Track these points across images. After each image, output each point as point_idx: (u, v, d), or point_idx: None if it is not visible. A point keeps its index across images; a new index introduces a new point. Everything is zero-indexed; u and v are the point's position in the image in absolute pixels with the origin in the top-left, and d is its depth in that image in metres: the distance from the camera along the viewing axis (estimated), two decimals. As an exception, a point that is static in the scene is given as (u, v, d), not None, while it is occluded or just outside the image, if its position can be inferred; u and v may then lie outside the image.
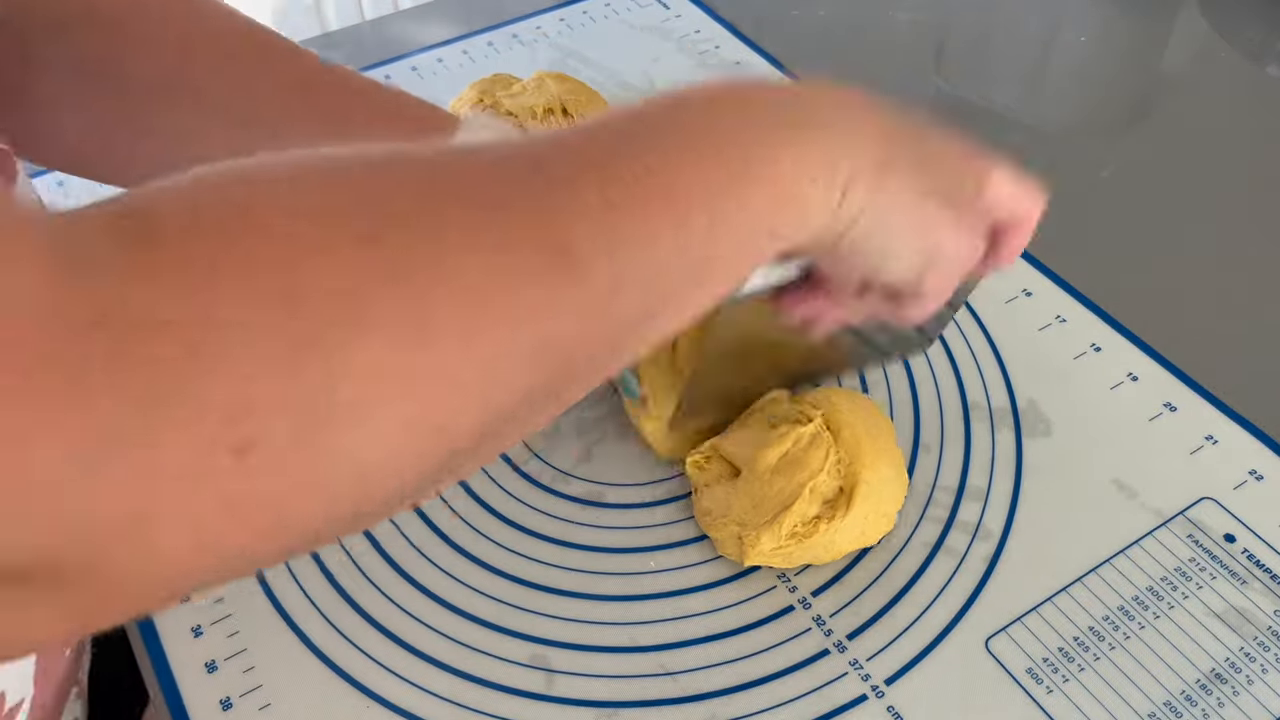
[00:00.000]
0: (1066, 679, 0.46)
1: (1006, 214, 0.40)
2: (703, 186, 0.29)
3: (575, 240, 0.26)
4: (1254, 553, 0.50)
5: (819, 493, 0.48)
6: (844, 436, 0.49)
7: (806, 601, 0.49)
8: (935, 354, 0.59)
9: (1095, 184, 0.71)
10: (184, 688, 0.46)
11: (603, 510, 0.52)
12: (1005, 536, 0.51)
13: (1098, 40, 0.87)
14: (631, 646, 0.47)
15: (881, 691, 0.46)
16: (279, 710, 0.46)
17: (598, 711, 0.46)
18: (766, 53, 0.80)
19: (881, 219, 0.35)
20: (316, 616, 0.48)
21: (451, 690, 0.46)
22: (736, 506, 0.49)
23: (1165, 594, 0.49)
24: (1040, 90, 0.83)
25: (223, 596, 0.49)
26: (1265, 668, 0.46)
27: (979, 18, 0.89)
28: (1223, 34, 0.85)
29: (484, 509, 0.52)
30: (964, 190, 0.38)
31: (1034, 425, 0.55)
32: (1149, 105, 0.82)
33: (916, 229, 0.36)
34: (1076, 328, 0.60)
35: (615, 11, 0.84)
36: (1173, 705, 0.45)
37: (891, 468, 0.49)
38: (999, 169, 0.39)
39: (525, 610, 0.49)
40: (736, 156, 0.30)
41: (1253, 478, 0.53)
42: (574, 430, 0.56)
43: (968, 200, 0.38)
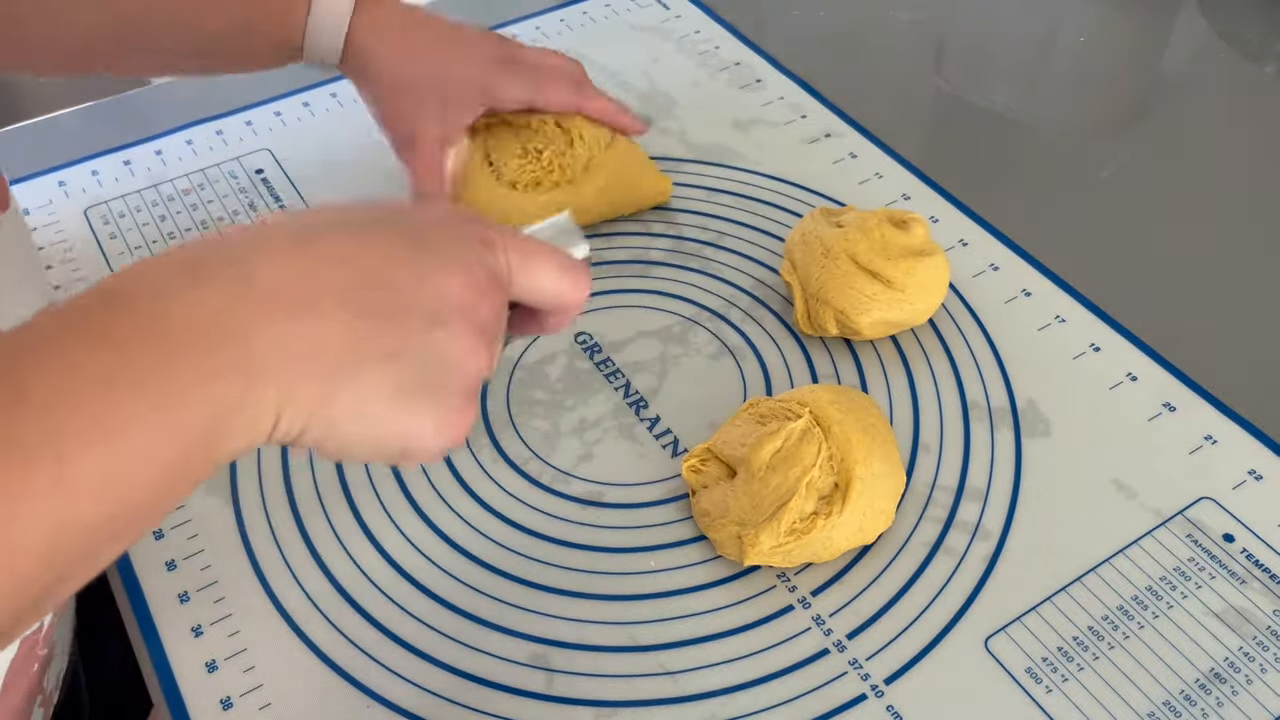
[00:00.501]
0: (1066, 679, 0.46)
1: (544, 303, 0.39)
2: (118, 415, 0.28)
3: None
4: (1253, 552, 0.50)
5: (815, 488, 0.48)
6: (835, 432, 0.49)
7: (806, 601, 0.49)
8: (935, 354, 0.59)
9: (1095, 184, 0.71)
10: (184, 688, 0.46)
11: (603, 510, 0.52)
12: (1005, 536, 0.51)
13: (1098, 40, 0.87)
14: (631, 646, 0.48)
15: (881, 691, 0.46)
16: (279, 710, 0.46)
17: (598, 711, 0.46)
18: (766, 53, 0.80)
19: (330, 432, 0.33)
20: (317, 616, 0.49)
21: (451, 690, 0.46)
22: (735, 506, 0.49)
23: (1164, 594, 0.49)
24: (1040, 90, 0.83)
25: (223, 596, 0.49)
26: (1264, 667, 0.46)
27: (979, 18, 0.89)
28: (1222, 34, 0.85)
29: (484, 509, 0.53)
30: (451, 368, 0.34)
31: (1033, 425, 0.55)
32: (1149, 105, 0.82)
33: (377, 435, 0.34)
34: (1076, 328, 0.60)
35: (615, 11, 0.84)
36: (1172, 705, 0.45)
37: (886, 463, 0.49)
38: (537, 260, 0.37)
39: (525, 610, 0.49)
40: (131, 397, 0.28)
41: (1252, 478, 0.53)
42: (574, 430, 0.56)
43: (455, 374, 0.35)
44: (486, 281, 0.35)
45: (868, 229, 0.58)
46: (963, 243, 0.65)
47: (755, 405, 0.52)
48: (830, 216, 0.60)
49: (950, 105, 0.81)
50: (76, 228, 0.67)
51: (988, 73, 0.84)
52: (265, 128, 0.74)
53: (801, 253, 0.59)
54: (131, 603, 0.49)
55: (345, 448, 0.34)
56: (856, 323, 0.57)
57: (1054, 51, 0.86)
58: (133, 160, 0.72)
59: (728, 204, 0.68)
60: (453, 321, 0.34)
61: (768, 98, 0.76)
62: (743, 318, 0.61)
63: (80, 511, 0.27)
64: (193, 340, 0.29)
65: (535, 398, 0.57)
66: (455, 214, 0.38)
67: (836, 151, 0.72)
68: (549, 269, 0.38)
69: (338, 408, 0.32)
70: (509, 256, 0.37)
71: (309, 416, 0.32)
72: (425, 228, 0.35)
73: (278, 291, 0.31)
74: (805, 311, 0.59)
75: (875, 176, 0.70)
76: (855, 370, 0.58)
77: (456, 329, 0.34)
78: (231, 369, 0.30)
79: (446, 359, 0.34)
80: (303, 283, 0.32)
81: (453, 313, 0.34)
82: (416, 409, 0.34)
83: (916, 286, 0.57)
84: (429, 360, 0.34)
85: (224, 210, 0.68)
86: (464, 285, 0.35)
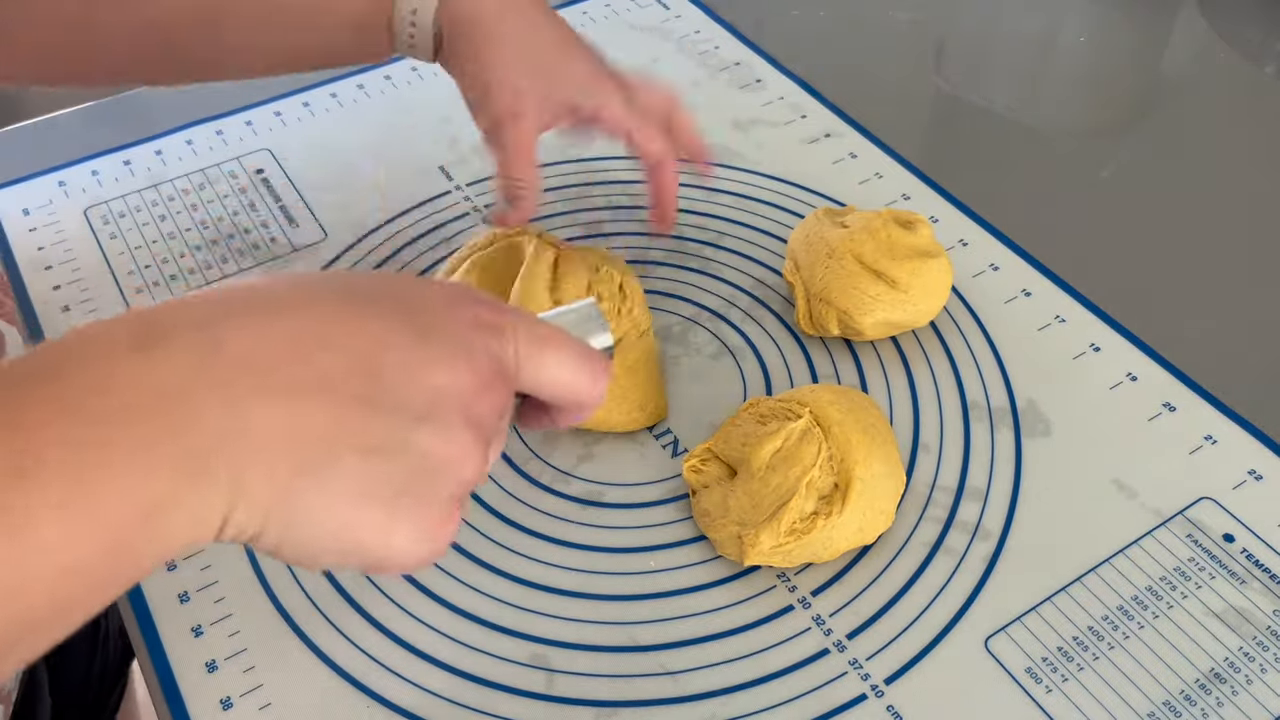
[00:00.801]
0: (1066, 679, 0.46)
1: (555, 398, 0.35)
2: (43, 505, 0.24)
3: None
4: (1253, 552, 0.50)
5: (815, 488, 0.48)
6: (834, 433, 0.49)
7: (806, 601, 0.49)
8: (935, 354, 0.59)
9: (1095, 184, 0.71)
10: (184, 688, 0.46)
11: (603, 510, 0.52)
12: (1004, 536, 0.51)
13: (1098, 40, 0.87)
14: (631, 646, 0.48)
15: (881, 691, 0.46)
16: (279, 710, 0.46)
17: (598, 711, 0.46)
18: (766, 53, 0.80)
19: (290, 535, 0.28)
20: (317, 616, 0.49)
21: (451, 690, 0.46)
22: (735, 506, 0.49)
23: (1164, 594, 0.49)
24: (1040, 90, 0.83)
25: (223, 596, 0.49)
26: (1264, 667, 0.46)
27: (979, 18, 0.89)
28: (1222, 34, 0.85)
29: (484, 509, 0.53)
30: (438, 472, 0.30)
31: (1033, 425, 0.55)
32: (1149, 105, 0.82)
33: (345, 543, 0.29)
34: (1076, 328, 0.60)
35: (615, 12, 0.84)
36: (1172, 705, 0.45)
37: (886, 463, 0.49)
38: (549, 350, 0.33)
39: (525, 610, 0.49)
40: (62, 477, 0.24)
41: (1252, 478, 0.53)
42: (574, 430, 0.56)
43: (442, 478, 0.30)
44: (490, 373, 0.31)
45: (873, 229, 0.58)
46: (963, 243, 0.65)
47: (755, 405, 0.52)
48: (833, 217, 0.60)
49: (950, 105, 0.81)
50: (76, 228, 0.67)
51: (988, 73, 0.84)
52: (265, 128, 0.74)
53: (805, 253, 0.59)
54: (131, 603, 0.49)
55: (308, 554, 0.29)
56: (859, 323, 0.57)
57: (1054, 51, 0.86)
58: (133, 160, 0.72)
59: (728, 204, 0.68)
60: (446, 418, 0.30)
61: (768, 98, 0.76)
62: (743, 318, 0.61)
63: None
64: (132, 420, 0.25)
65: (535, 398, 0.57)
66: (463, 292, 0.33)
67: (836, 151, 0.72)
68: (563, 360, 0.34)
69: (301, 509, 0.28)
70: (518, 345, 0.33)
71: (266, 516, 0.28)
72: (426, 306, 0.32)
73: (244, 365, 0.27)
74: (807, 312, 0.59)
75: (875, 176, 0.70)
76: (855, 370, 0.58)
77: (449, 427, 0.30)
78: (172, 458, 0.26)
79: (433, 461, 0.30)
80: (279, 360, 0.28)
81: (447, 408, 0.30)
82: (393, 516, 0.29)
83: (920, 287, 0.57)
84: (413, 461, 0.29)
85: (224, 210, 0.68)
86: (463, 378, 0.30)
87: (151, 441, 0.25)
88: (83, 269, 0.65)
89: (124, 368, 0.26)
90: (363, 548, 0.29)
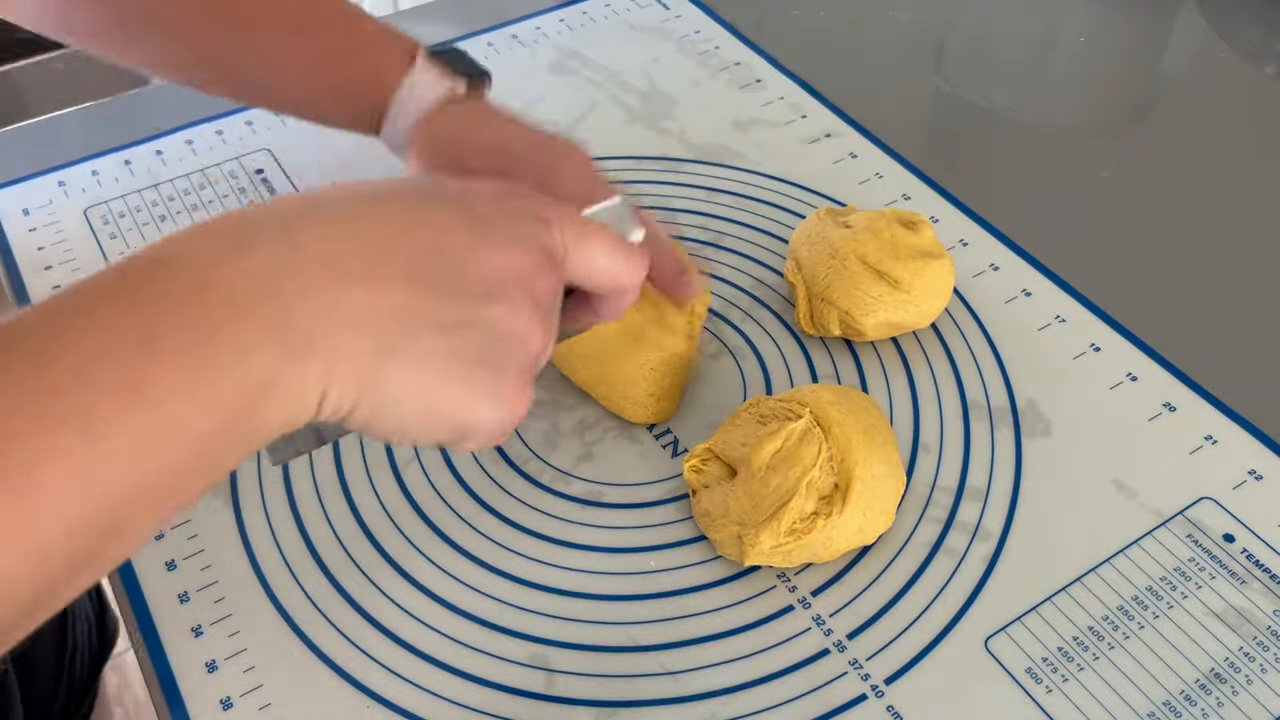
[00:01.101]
0: (1066, 679, 0.46)
1: (599, 285, 0.38)
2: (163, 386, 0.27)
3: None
4: (1253, 552, 0.50)
5: (815, 488, 0.48)
6: (835, 433, 0.49)
7: (806, 601, 0.49)
8: (935, 354, 0.59)
9: (1095, 184, 0.71)
10: (184, 688, 0.46)
11: (603, 510, 0.52)
12: (1005, 536, 0.51)
13: (1098, 40, 0.87)
14: (631, 646, 0.48)
15: (881, 691, 0.46)
16: (279, 710, 0.46)
17: (598, 711, 0.46)
18: (766, 53, 0.80)
19: (382, 410, 0.31)
20: (317, 616, 0.49)
21: (451, 690, 0.46)
22: (735, 506, 0.49)
23: (1164, 594, 0.49)
24: (1040, 90, 0.83)
25: (223, 596, 0.49)
26: (1264, 667, 0.46)
27: (979, 18, 0.89)
28: (1222, 34, 0.85)
29: (484, 509, 0.53)
30: (510, 343, 0.33)
31: (1033, 425, 0.55)
32: (1149, 105, 0.82)
33: (432, 412, 0.32)
34: (1076, 328, 0.60)
35: (615, 12, 0.84)
36: (1172, 705, 0.45)
37: (886, 464, 0.49)
38: (593, 239, 0.36)
39: (525, 610, 0.49)
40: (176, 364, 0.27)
41: (1252, 478, 0.53)
42: (574, 430, 0.56)
43: (513, 350, 0.34)
44: (542, 258, 0.34)
45: (877, 229, 0.58)
46: (963, 243, 0.65)
47: (756, 405, 0.52)
48: (836, 217, 0.60)
49: (950, 105, 0.81)
50: (76, 228, 0.67)
51: (988, 73, 0.84)
52: (265, 127, 0.74)
53: (808, 253, 0.59)
54: (131, 603, 0.49)
55: (398, 427, 0.32)
56: (861, 324, 0.57)
57: (1054, 51, 0.86)
58: (133, 160, 0.72)
59: (728, 204, 0.68)
60: (511, 296, 0.33)
61: (768, 98, 0.76)
62: (743, 318, 0.61)
63: (110, 481, 0.26)
64: (235, 308, 0.28)
65: (535, 398, 0.57)
66: (509, 190, 0.36)
67: (836, 151, 0.72)
68: (605, 249, 0.37)
69: (390, 383, 0.31)
70: (564, 235, 0.36)
71: (358, 393, 0.30)
72: (480, 202, 0.34)
73: (328, 259, 0.30)
74: (808, 312, 0.59)
75: (875, 176, 0.70)
76: (855, 370, 0.58)
77: (515, 304, 0.33)
78: (274, 339, 0.29)
79: (505, 334, 0.33)
80: (355, 251, 0.31)
81: (511, 287, 0.33)
82: (474, 384, 0.32)
83: (923, 288, 0.57)
84: (486, 334, 0.33)
85: (224, 210, 0.68)
86: (521, 260, 0.33)
87: (254, 329, 0.28)
88: (83, 269, 0.65)
89: (221, 267, 0.29)
90: (448, 419, 0.33)
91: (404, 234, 0.32)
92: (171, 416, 0.27)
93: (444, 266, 0.32)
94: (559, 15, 0.84)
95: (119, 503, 0.27)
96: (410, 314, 0.31)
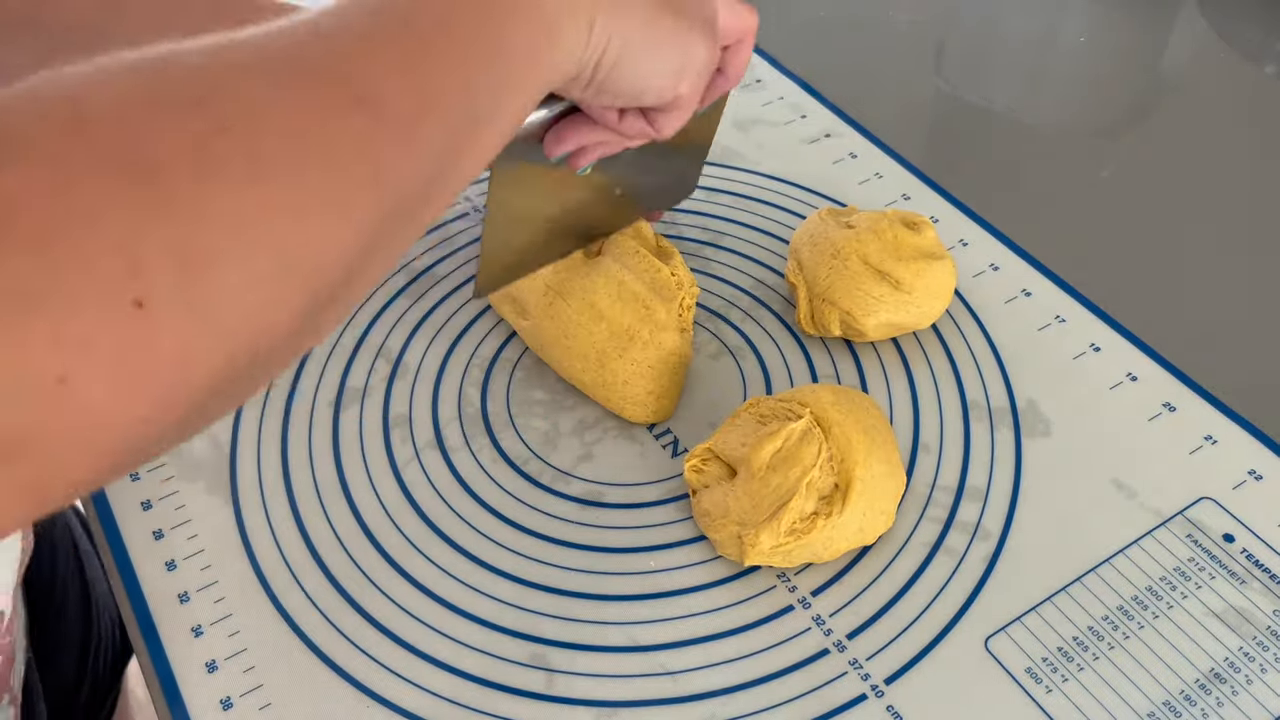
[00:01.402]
0: (1066, 679, 0.46)
1: (730, 31, 0.47)
2: (483, 29, 0.33)
3: (380, 86, 0.29)
4: (1253, 552, 0.50)
5: (815, 488, 0.48)
6: (835, 433, 0.49)
7: (806, 601, 0.49)
8: (935, 354, 0.59)
9: (1095, 184, 0.71)
10: (184, 688, 0.46)
11: (603, 510, 0.53)
12: (1004, 536, 0.51)
13: (1098, 40, 0.87)
14: (631, 646, 0.48)
15: (881, 691, 0.46)
16: (279, 710, 0.46)
17: (598, 711, 0.46)
18: (766, 53, 0.80)
19: (628, 41, 0.39)
20: (317, 616, 0.49)
21: (451, 690, 0.46)
22: (735, 506, 0.49)
23: (1164, 594, 0.49)
24: (1040, 90, 0.83)
25: (223, 596, 0.49)
26: (1264, 667, 0.46)
27: (979, 18, 0.89)
28: (1222, 34, 0.85)
29: (484, 509, 0.53)
30: (692, 3, 0.43)
31: (1033, 425, 0.55)
32: (1149, 105, 0.82)
33: (660, 43, 0.41)
34: (1076, 328, 0.60)
35: (615, 12, 0.84)
36: (1172, 705, 0.45)
37: (886, 464, 0.49)
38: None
39: (525, 610, 0.49)
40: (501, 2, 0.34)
41: (1252, 478, 0.53)
42: (574, 430, 0.56)
43: (702, 9, 0.43)
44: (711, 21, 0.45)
45: (879, 230, 0.58)
46: (963, 243, 0.65)
47: (756, 405, 0.52)
48: (838, 217, 0.60)
49: (950, 105, 0.81)
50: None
51: (988, 73, 0.84)
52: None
53: (810, 253, 0.59)
54: (131, 603, 0.49)
55: (639, 62, 0.40)
56: (862, 324, 0.57)
57: (1054, 51, 0.86)
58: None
59: (728, 204, 0.68)
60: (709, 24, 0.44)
61: (768, 98, 0.76)
62: (743, 318, 0.61)
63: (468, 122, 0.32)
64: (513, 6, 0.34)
65: (535, 398, 0.57)
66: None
67: (836, 151, 0.72)
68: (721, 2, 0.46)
69: (625, 18, 0.39)
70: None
71: (611, 23, 0.38)
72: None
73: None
74: (809, 312, 0.59)
75: (875, 176, 0.70)
76: (855, 370, 0.58)
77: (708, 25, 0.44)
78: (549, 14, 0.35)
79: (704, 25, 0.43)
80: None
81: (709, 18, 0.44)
82: (679, 20, 0.41)
83: (924, 289, 0.57)
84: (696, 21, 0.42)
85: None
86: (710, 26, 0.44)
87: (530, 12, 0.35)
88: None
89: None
90: (673, 46, 0.42)
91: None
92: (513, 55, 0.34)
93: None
94: (559, 15, 0.84)
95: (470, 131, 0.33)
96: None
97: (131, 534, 0.51)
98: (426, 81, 0.30)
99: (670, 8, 0.41)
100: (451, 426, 0.56)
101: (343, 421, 0.56)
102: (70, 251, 0.23)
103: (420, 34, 0.31)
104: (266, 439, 0.55)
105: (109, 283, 0.23)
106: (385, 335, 0.60)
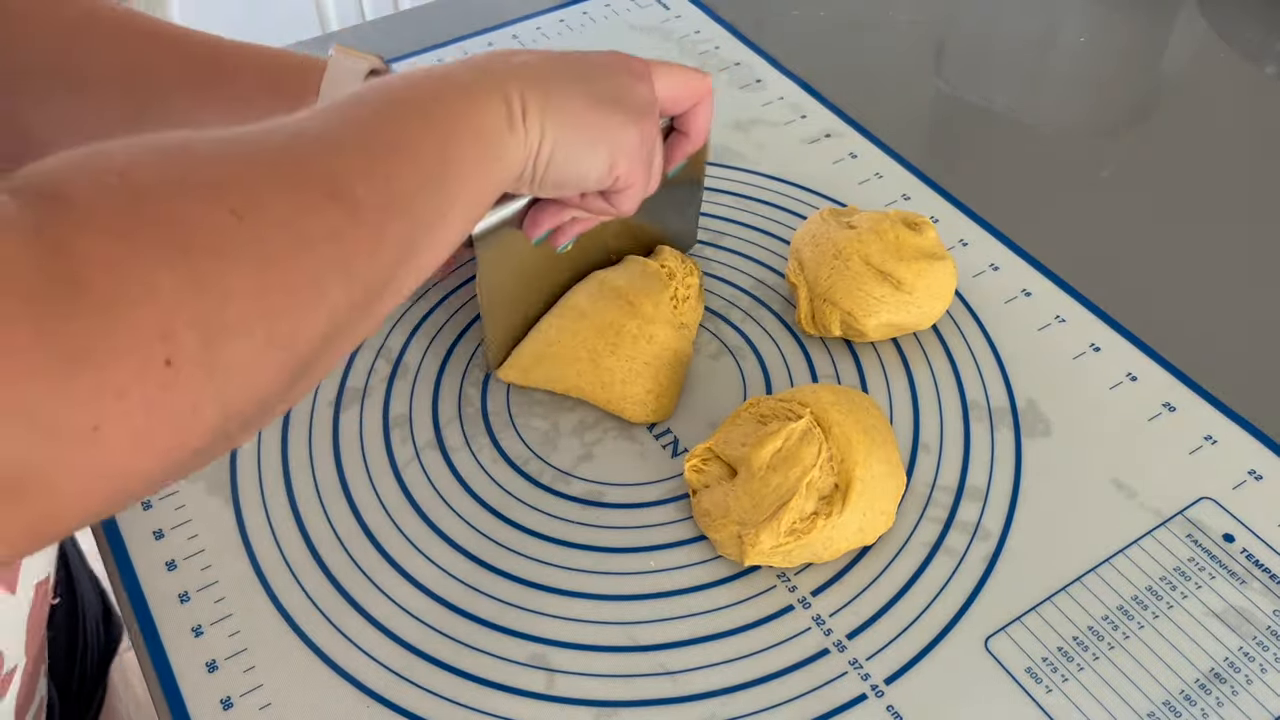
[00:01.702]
0: (1066, 679, 0.46)
1: (680, 101, 0.49)
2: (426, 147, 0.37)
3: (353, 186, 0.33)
4: (1253, 552, 0.50)
5: (815, 488, 0.48)
6: (835, 434, 0.49)
7: (806, 601, 0.49)
8: (935, 354, 0.59)
9: (1095, 184, 0.71)
10: (184, 688, 0.46)
11: (603, 510, 0.53)
12: (1004, 536, 0.51)
13: (1098, 41, 0.87)
14: (631, 646, 0.48)
15: (881, 691, 0.46)
16: (279, 710, 0.46)
17: (598, 711, 0.46)
18: (766, 53, 0.80)
19: (558, 141, 0.42)
20: (317, 616, 0.49)
21: (451, 690, 0.46)
22: (735, 506, 0.49)
23: (1164, 594, 0.49)
24: (1040, 90, 0.83)
25: (223, 596, 0.49)
26: (1264, 667, 0.46)
27: (979, 18, 0.89)
28: (1222, 34, 0.85)
29: (484, 509, 0.53)
30: (626, 88, 0.45)
31: (1033, 425, 0.55)
32: (1149, 105, 0.82)
33: (588, 139, 0.43)
34: (1076, 328, 0.60)
35: (615, 12, 0.84)
36: (1172, 705, 0.45)
37: (886, 464, 0.49)
38: (658, 66, 0.47)
39: (525, 610, 0.49)
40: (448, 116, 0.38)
41: (1252, 478, 0.53)
42: (574, 430, 0.56)
43: (632, 96, 0.45)
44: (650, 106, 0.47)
45: (881, 230, 0.58)
46: (963, 243, 0.65)
47: (756, 405, 0.52)
48: (839, 217, 0.60)
49: (950, 105, 0.81)
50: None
51: (988, 73, 0.84)
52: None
53: (811, 253, 0.59)
54: (131, 603, 0.49)
55: (573, 152, 0.43)
56: (862, 324, 0.57)
57: (1054, 51, 0.86)
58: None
59: (727, 204, 0.68)
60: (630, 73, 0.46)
61: (768, 98, 0.76)
62: (743, 318, 0.61)
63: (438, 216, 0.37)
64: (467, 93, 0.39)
65: (535, 398, 0.57)
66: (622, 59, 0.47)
67: (836, 151, 0.72)
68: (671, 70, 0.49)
69: (555, 111, 0.42)
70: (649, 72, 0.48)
71: (541, 116, 0.41)
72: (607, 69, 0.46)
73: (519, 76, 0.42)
74: (810, 312, 0.59)
75: (875, 176, 0.70)
76: (855, 370, 0.58)
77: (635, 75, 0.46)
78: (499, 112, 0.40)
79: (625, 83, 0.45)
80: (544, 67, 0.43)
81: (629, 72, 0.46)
82: (612, 109, 0.44)
83: (925, 289, 0.57)
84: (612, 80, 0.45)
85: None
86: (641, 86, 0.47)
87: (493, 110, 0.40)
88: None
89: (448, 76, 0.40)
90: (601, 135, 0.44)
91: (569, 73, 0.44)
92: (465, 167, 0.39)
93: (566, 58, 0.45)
94: (559, 16, 0.84)
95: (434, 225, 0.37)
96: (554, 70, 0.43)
97: (131, 534, 0.51)
98: (389, 185, 0.35)
99: (596, 103, 0.44)
100: (452, 426, 0.56)
101: (343, 421, 0.56)
102: (126, 316, 0.26)
103: (380, 149, 0.35)
104: (267, 439, 0.55)
105: (149, 344, 0.27)
106: (385, 335, 0.60)
